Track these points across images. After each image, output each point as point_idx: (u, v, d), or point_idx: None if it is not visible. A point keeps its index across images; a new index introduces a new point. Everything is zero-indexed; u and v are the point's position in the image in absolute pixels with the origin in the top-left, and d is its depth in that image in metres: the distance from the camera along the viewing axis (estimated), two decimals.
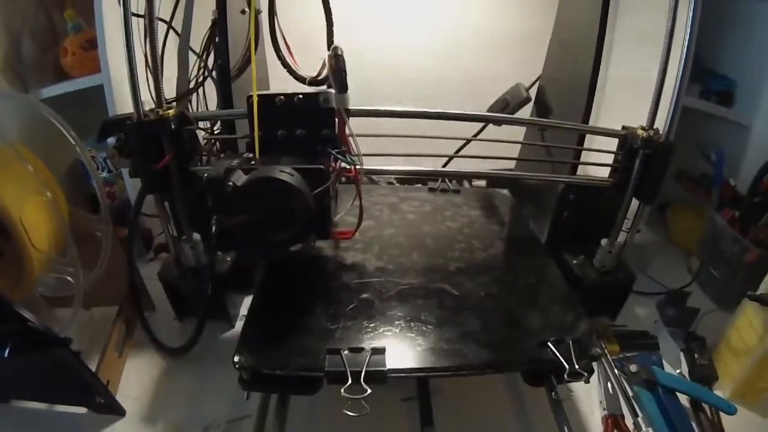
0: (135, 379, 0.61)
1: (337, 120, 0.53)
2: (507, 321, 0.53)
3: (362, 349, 0.46)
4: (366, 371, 0.44)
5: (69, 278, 0.60)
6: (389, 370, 0.45)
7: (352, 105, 0.54)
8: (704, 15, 0.54)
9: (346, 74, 0.51)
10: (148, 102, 0.54)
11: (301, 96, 0.53)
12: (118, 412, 0.56)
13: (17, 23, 0.80)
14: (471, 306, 0.54)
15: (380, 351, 0.46)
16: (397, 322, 0.51)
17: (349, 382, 0.43)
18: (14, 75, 0.80)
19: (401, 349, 0.47)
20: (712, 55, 0.85)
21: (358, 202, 0.56)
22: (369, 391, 0.43)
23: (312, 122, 0.54)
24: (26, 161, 0.58)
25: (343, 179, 0.55)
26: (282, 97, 0.53)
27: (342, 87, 0.52)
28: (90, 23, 0.78)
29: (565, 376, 0.46)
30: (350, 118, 0.54)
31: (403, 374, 0.46)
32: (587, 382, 0.48)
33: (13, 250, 0.56)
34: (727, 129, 0.84)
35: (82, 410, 0.56)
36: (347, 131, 0.53)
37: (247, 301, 0.74)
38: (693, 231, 0.84)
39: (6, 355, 0.51)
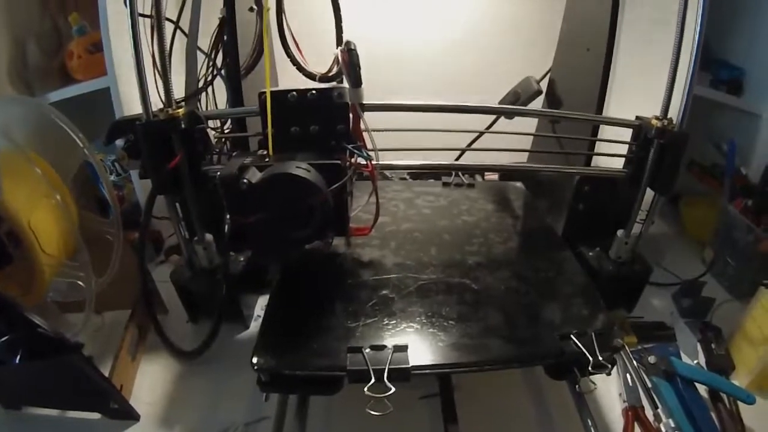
0: (149, 383, 0.60)
1: (351, 115, 0.53)
2: (528, 315, 0.52)
3: (384, 346, 0.46)
4: (389, 369, 0.43)
5: (80, 282, 0.59)
6: (412, 367, 0.44)
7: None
8: (713, 3, 0.53)
9: (360, 69, 0.50)
10: (155, 104, 0.54)
11: (314, 91, 0.52)
12: (133, 417, 0.55)
13: (22, 29, 0.80)
14: (492, 300, 0.53)
15: (402, 348, 0.45)
16: (418, 319, 0.50)
17: (372, 380, 0.42)
18: (20, 80, 0.79)
19: (424, 346, 0.47)
20: (721, 44, 0.85)
21: (373, 198, 0.55)
22: (393, 389, 0.42)
23: (326, 118, 0.53)
24: (35, 164, 0.57)
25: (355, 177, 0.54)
26: (295, 93, 0.52)
27: (356, 82, 0.51)
28: (95, 26, 0.77)
29: (590, 368, 0.45)
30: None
31: (427, 371, 0.45)
32: (609, 374, 0.47)
33: (23, 255, 0.55)
34: (738, 118, 0.83)
35: (96, 416, 0.56)
36: (362, 126, 0.53)
37: (261, 301, 0.73)
38: (706, 222, 0.84)
39: (17, 362, 0.51)
